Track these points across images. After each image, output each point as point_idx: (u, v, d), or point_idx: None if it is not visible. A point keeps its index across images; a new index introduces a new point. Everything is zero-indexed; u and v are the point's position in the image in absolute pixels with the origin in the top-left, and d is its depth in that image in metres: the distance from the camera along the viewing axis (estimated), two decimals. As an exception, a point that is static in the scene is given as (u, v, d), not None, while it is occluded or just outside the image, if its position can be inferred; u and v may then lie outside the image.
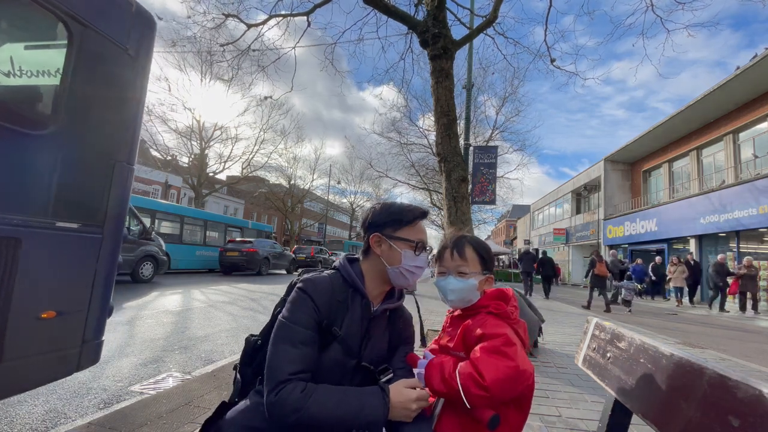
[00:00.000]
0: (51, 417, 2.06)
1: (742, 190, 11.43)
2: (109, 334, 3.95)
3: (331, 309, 0.96)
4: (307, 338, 0.90)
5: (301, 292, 0.95)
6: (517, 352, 0.90)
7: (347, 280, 1.02)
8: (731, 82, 11.58)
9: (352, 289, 1.02)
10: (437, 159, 4.96)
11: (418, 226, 1.06)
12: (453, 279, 1.06)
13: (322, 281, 0.98)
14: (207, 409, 2.09)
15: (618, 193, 19.62)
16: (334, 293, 0.98)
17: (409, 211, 1.07)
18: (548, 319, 6.33)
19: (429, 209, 1.10)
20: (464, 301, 1.07)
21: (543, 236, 29.60)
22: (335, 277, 1.02)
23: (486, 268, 1.08)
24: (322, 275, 1.01)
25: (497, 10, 5.39)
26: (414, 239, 1.04)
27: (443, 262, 1.10)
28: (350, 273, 1.03)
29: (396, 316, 1.12)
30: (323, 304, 0.94)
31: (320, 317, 0.93)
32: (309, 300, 0.93)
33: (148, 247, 9.17)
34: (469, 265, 1.06)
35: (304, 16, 6.40)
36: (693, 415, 0.60)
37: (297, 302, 0.94)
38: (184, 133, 20.97)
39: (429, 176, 21.05)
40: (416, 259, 1.04)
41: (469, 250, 1.07)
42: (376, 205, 1.10)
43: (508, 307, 1.02)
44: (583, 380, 3.02)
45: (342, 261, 1.09)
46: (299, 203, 36.97)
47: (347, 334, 0.97)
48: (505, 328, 0.96)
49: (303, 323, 0.91)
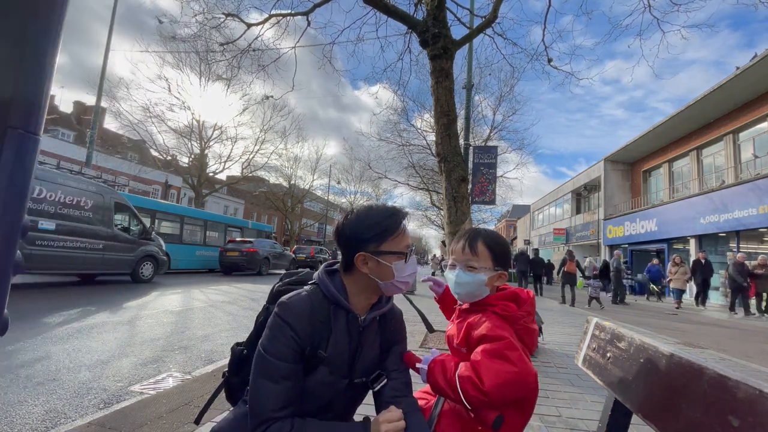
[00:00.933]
0: (51, 417, 2.06)
1: (742, 190, 11.43)
2: (109, 334, 3.96)
3: (314, 332, 0.90)
4: (288, 372, 0.85)
5: (279, 320, 0.87)
6: (519, 356, 0.89)
7: (327, 297, 0.95)
8: (731, 82, 11.58)
9: (334, 306, 0.94)
10: (437, 159, 4.95)
11: (402, 231, 0.98)
12: (461, 272, 1.04)
13: (300, 304, 0.91)
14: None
15: (618, 193, 19.62)
16: (314, 314, 0.91)
17: (391, 220, 0.96)
18: (548, 319, 6.33)
19: (407, 210, 1.03)
20: (471, 295, 1.05)
21: (543, 236, 29.59)
22: (315, 294, 0.94)
23: (498, 264, 1.05)
24: (300, 296, 0.93)
25: (497, 10, 5.39)
26: (402, 249, 0.96)
27: (454, 255, 1.09)
28: (330, 289, 0.95)
29: (386, 318, 1.07)
30: (303, 330, 0.88)
31: (302, 345, 0.87)
32: (287, 328, 0.86)
33: (148, 247, 9.17)
34: (479, 260, 1.03)
35: (304, 15, 6.41)
36: (693, 415, 0.60)
37: (275, 331, 0.87)
38: (184, 133, 20.99)
39: (428, 176, 21.05)
40: (407, 267, 0.97)
41: (481, 245, 1.05)
42: (350, 215, 0.99)
43: (518, 311, 1.00)
44: (583, 380, 3.02)
45: (321, 275, 0.99)
46: (299, 203, 36.98)
47: (334, 354, 0.92)
48: (507, 331, 0.95)
49: (283, 356, 0.85)
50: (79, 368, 2.87)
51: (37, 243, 6.70)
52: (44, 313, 4.75)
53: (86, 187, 7.74)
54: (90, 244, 7.66)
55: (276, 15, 6.68)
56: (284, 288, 1.06)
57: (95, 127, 12.67)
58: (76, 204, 7.45)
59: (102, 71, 12.70)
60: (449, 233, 4.63)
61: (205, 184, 22.36)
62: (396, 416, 0.88)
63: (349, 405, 1.03)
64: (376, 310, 1.01)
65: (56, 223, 7.02)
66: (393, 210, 1.00)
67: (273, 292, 1.07)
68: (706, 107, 13.22)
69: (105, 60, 12.77)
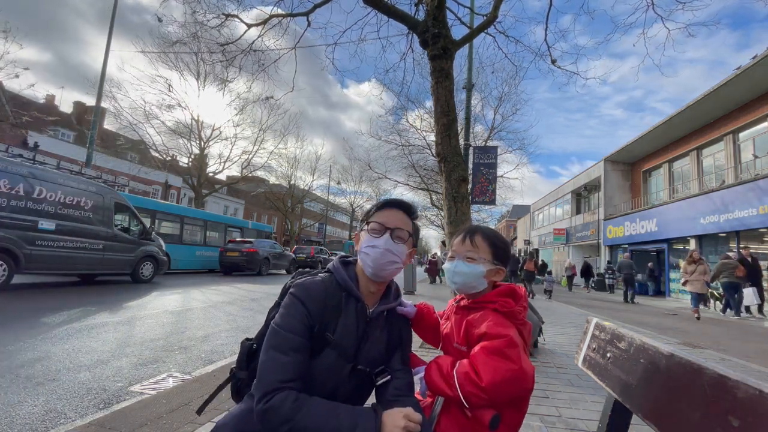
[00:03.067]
0: (51, 417, 2.06)
1: (743, 190, 11.43)
2: (109, 334, 3.96)
3: (324, 314, 0.94)
4: (299, 345, 0.89)
5: (294, 298, 0.94)
6: (519, 354, 0.89)
7: (340, 284, 1.01)
8: (731, 82, 11.58)
9: (346, 293, 1.00)
10: (437, 159, 4.95)
11: (383, 213, 1.05)
12: (460, 262, 1.05)
13: (314, 286, 0.97)
14: (207, 409, 2.09)
15: (618, 193, 19.62)
16: (327, 298, 0.96)
17: (380, 203, 1.08)
18: (548, 319, 6.33)
19: (404, 200, 1.13)
20: (469, 286, 1.05)
21: (543, 236, 29.59)
22: (328, 281, 1.01)
23: (497, 259, 1.05)
24: (315, 279, 1.00)
25: (498, 9, 5.38)
26: (372, 221, 1.04)
27: (454, 247, 1.10)
28: (343, 276, 1.01)
29: (394, 316, 1.10)
30: (315, 309, 0.93)
31: (312, 322, 0.92)
32: (301, 305, 0.92)
33: (148, 247, 9.17)
34: (478, 252, 1.04)
35: (304, 15, 6.40)
36: (693, 415, 0.60)
37: (289, 308, 0.93)
38: (183, 133, 20.99)
39: (428, 176, 21.05)
40: (371, 240, 1.01)
41: (481, 238, 1.06)
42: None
43: (516, 306, 1.00)
44: (583, 380, 3.02)
45: (336, 263, 1.06)
46: (299, 203, 36.98)
47: (341, 339, 0.95)
48: (510, 329, 0.94)
49: (294, 330, 0.89)
50: (78, 368, 2.86)
51: (37, 243, 6.70)
52: (44, 313, 4.75)
53: (86, 188, 7.74)
54: (90, 245, 7.66)
55: (276, 15, 6.68)
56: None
57: (95, 127, 12.68)
58: (76, 204, 7.45)
59: (102, 71, 12.71)
60: (449, 233, 4.63)
61: (205, 185, 22.36)
62: (418, 417, 0.86)
63: (355, 396, 1.02)
64: (384, 304, 1.06)
65: (56, 223, 7.02)
66: (390, 198, 1.12)
67: (286, 289, 1.08)
68: (706, 107, 13.22)
69: (105, 60, 12.78)
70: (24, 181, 6.57)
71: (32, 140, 17.43)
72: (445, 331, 1.11)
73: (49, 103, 25.53)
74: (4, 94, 18.74)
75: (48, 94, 26.60)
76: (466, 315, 1.04)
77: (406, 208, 1.08)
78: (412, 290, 10.34)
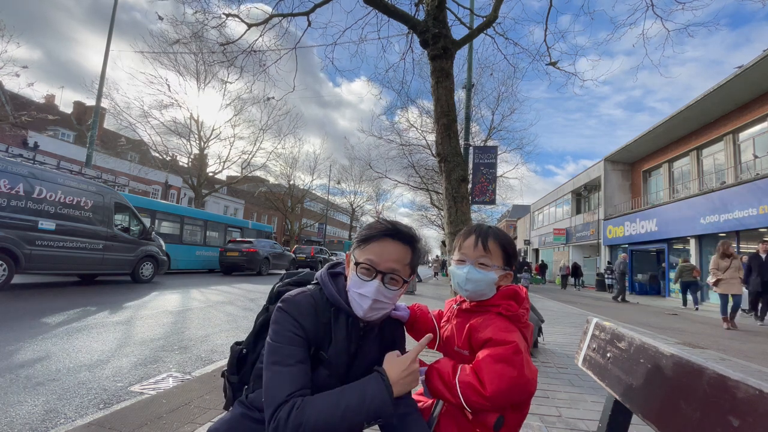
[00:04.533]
0: (51, 417, 2.06)
1: (742, 190, 11.43)
2: (109, 334, 3.96)
3: (318, 332, 0.90)
4: (301, 355, 0.86)
5: (285, 314, 0.89)
6: (523, 361, 0.87)
7: (329, 299, 0.95)
8: (731, 82, 11.58)
9: (335, 308, 0.95)
10: (437, 159, 4.95)
11: (377, 245, 0.92)
12: (473, 269, 0.99)
13: (304, 302, 0.92)
14: (207, 409, 2.09)
15: (618, 193, 19.62)
16: (318, 314, 0.92)
17: (370, 230, 0.95)
18: (548, 319, 6.32)
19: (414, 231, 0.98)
20: (479, 294, 1.00)
21: (543, 236, 29.58)
22: (318, 296, 0.95)
23: (508, 264, 1.01)
24: (304, 294, 0.94)
25: (497, 10, 5.39)
26: (361, 260, 0.92)
27: (464, 250, 1.02)
28: (332, 292, 0.95)
29: (386, 321, 1.05)
30: (309, 325, 0.89)
31: (307, 336, 0.89)
32: (293, 320, 0.88)
33: (148, 247, 9.17)
34: (491, 258, 0.99)
35: (305, 15, 6.41)
36: (693, 415, 0.60)
37: (282, 323, 0.88)
38: (183, 134, 20.98)
39: (428, 176, 21.05)
40: (359, 285, 0.91)
41: (494, 243, 1.01)
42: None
43: (519, 309, 0.98)
44: (583, 380, 3.02)
45: (324, 276, 0.99)
46: (299, 203, 36.97)
47: (333, 357, 0.91)
48: (515, 334, 0.92)
49: (292, 342, 0.86)
50: (78, 368, 2.86)
51: (37, 243, 6.70)
52: (44, 313, 4.75)
53: (86, 187, 7.74)
54: (90, 245, 7.66)
55: (277, 15, 6.68)
56: (285, 288, 1.05)
57: (95, 127, 12.68)
58: (76, 204, 7.45)
59: (102, 72, 12.71)
60: (449, 233, 4.63)
61: (205, 185, 22.36)
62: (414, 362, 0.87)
63: None
64: None
65: (56, 223, 7.02)
66: (383, 223, 0.97)
67: (273, 292, 1.07)
68: (706, 107, 13.21)
69: (105, 60, 12.78)
70: (24, 181, 6.57)
71: (32, 140, 17.45)
72: (445, 333, 1.08)
73: (48, 103, 25.51)
74: (4, 94, 18.74)
75: (47, 94, 26.60)
76: (469, 318, 1.02)
77: (408, 239, 0.95)
78: (412, 290, 10.36)
